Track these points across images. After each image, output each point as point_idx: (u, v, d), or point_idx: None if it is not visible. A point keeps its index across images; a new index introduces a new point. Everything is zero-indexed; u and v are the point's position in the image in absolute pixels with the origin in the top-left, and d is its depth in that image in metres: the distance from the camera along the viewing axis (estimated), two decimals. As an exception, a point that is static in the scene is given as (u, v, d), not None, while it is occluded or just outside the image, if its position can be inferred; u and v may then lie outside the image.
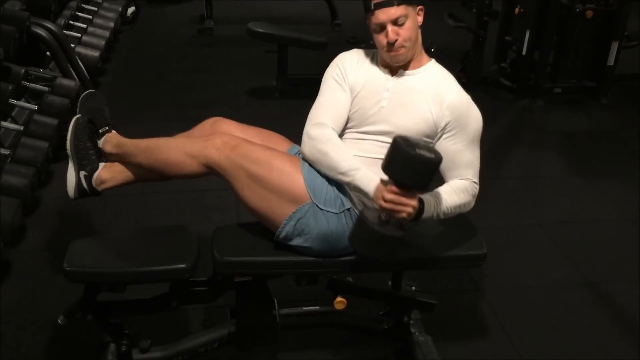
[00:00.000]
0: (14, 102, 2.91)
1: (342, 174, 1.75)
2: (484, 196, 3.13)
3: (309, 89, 2.04)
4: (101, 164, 1.99)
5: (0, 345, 2.14)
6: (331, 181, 1.81)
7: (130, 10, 5.51)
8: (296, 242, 1.81)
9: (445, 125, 1.78)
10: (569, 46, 4.22)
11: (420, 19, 1.82)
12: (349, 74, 1.88)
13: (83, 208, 2.93)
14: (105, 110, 2.11)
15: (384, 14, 1.75)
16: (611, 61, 4.23)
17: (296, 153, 1.95)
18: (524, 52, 4.26)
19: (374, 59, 1.91)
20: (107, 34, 3.95)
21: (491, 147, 3.71)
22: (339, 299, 1.98)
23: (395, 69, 1.86)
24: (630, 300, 2.50)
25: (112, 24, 4.16)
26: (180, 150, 1.86)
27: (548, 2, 4.10)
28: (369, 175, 1.71)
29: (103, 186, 1.97)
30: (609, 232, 2.96)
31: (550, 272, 2.67)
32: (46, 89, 3.11)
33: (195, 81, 4.48)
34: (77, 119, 2.02)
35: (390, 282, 2.12)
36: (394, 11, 1.74)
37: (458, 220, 2.08)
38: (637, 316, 2.42)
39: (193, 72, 4.65)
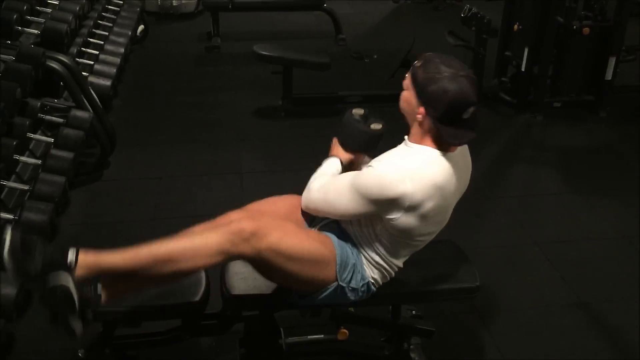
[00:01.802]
0: (32, 135, 3.05)
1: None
2: (482, 215, 3.29)
3: (314, 108, 2.19)
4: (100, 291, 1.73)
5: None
6: (358, 257, 1.92)
7: (140, 28, 5.64)
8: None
9: None
10: (567, 61, 4.31)
11: (419, 117, 1.77)
12: None
13: (98, 236, 3.08)
14: (40, 245, 1.68)
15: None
16: (609, 75, 4.32)
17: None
18: (523, 68, 4.35)
19: None
20: (117, 60, 4.08)
21: (490, 165, 3.82)
22: (341, 330, 2.11)
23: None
24: (625, 320, 2.60)
25: (122, 50, 4.29)
26: (202, 254, 1.71)
27: (546, 19, 4.19)
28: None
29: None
30: (605, 250, 3.06)
31: (546, 293, 2.77)
32: (61, 120, 3.25)
33: (203, 102, 4.62)
34: (77, 286, 1.63)
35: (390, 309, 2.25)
36: (408, 73, 1.82)
37: (453, 253, 2.21)
38: (631, 336, 2.52)
39: (200, 93, 4.78)
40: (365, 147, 2.07)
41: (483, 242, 3.10)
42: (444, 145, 1.78)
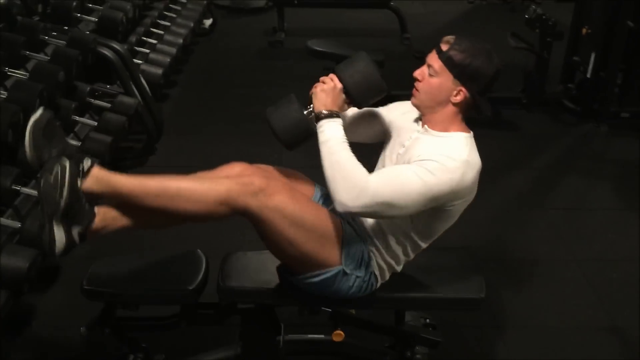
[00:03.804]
0: (76, 118, 3.16)
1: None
2: (522, 226, 3.12)
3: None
4: (96, 211, 1.70)
5: (37, 345, 2.38)
6: (365, 245, 1.85)
7: (208, 22, 5.78)
8: (310, 289, 1.87)
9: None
10: (638, 68, 4.02)
11: (457, 98, 1.75)
12: (392, 112, 2.00)
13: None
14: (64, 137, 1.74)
15: (431, 55, 1.79)
16: (684, 86, 4.00)
17: (320, 197, 1.98)
18: (588, 75, 4.10)
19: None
20: (173, 50, 4.17)
21: (541, 174, 3.62)
22: (337, 331, 2.05)
23: (423, 123, 1.85)
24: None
25: (180, 41, 4.38)
26: (209, 198, 1.68)
27: (615, 22, 3.93)
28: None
29: (93, 235, 1.72)
30: (650, 273, 2.83)
31: (577, 313, 2.59)
32: (108, 105, 3.36)
33: (257, 95, 4.64)
34: (71, 169, 1.60)
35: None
36: (433, 60, 1.76)
37: (464, 261, 2.10)
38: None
39: (256, 86, 4.82)
40: (373, 97, 1.84)
41: (520, 254, 2.94)
42: (466, 128, 1.82)
